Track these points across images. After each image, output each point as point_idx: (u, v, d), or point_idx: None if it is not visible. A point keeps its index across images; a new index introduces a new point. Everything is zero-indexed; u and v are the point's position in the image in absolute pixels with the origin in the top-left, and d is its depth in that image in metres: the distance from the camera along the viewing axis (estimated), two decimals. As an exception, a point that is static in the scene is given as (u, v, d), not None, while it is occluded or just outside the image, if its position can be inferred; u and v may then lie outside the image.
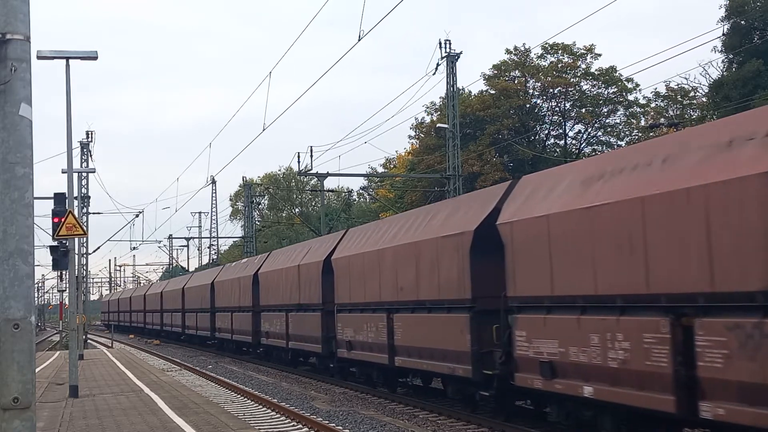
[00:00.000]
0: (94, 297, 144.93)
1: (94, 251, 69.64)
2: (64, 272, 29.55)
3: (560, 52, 54.97)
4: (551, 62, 55.29)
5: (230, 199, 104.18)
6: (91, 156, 39.49)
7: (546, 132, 57.21)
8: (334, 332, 22.65)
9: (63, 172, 21.95)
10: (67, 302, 34.13)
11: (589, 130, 56.15)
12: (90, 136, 39.48)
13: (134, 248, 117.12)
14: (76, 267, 24.31)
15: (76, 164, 34.37)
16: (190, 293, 47.07)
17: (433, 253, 16.42)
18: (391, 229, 19.68)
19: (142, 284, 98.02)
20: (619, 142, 53.99)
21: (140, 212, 55.86)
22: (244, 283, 34.54)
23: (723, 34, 42.27)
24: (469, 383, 15.22)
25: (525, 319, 12.92)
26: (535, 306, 12.66)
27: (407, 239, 17.99)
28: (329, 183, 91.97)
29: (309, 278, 25.15)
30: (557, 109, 55.91)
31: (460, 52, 38.10)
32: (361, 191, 79.85)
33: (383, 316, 18.98)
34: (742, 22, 42.06)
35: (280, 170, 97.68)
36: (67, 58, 19.76)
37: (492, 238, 13.75)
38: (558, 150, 56.22)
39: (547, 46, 53.97)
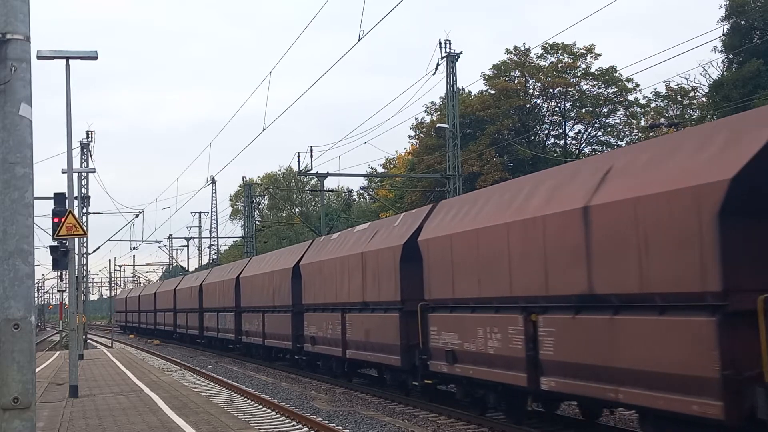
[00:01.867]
0: (94, 297, 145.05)
1: (94, 251, 69.79)
2: (64, 272, 29.56)
3: (560, 52, 54.99)
4: (551, 62, 55.32)
5: (230, 199, 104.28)
6: (91, 156, 39.49)
7: (546, 132, 57.24)
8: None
9: (63, 172, 21.95)
10: (67, 302, 34.12)
11: (589, 130, 56.20)
12: (90, 136, 39.47)
13: (134, 248, 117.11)
14: (76, 267, 24.30)
15: (76, 164, 34.36)
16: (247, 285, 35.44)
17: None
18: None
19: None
20: (619, 142, 54.04)
21: (140, 212, 55.87)
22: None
23: (723, 34, 42.30)
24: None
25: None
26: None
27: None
28: (329, 183, 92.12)
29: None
30: (557, 109, 55.94)
31: (460, 52, 38.13)
32: (361, 191, 79.89)
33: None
34: (742, 22, 42.07)
35: (280, 170, 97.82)
36: (67, 58, 19.76)
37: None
38: (558, 150, 56.24)
39: (547, 46, 54.01)
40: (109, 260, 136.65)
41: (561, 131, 57.01)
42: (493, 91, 54.93)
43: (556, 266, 11.96)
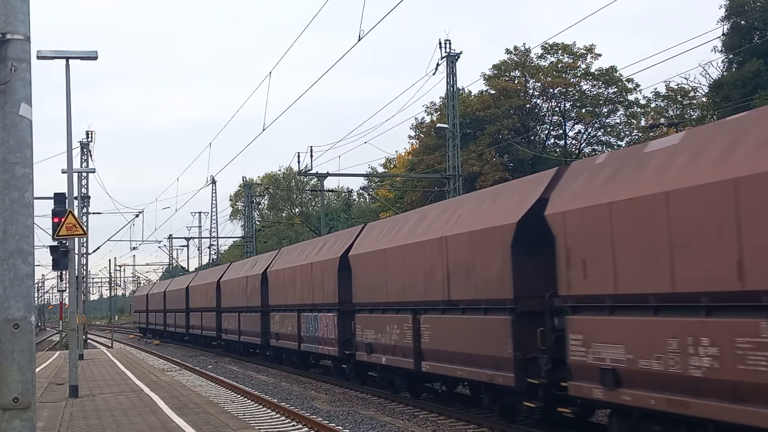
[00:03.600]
0: (94, 297, 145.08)
1: (94, 251, 69.66)
2: (64, 272, 29.55)
3: (560, 52, 54.98)
4: (551, 62, 55.29)
5: (230, 199, 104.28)
6: (91, 156, 39.48)
7: (546, 132, 57.22)
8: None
9: (63, 172, 21.95)
10: (67, 302, 34.12)
11: (589, 130, 56.17)
12: (90, 136, 39.47)
13: (134, 248, 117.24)
14: (76, 267, 24.31)
15: (76, 164, 34.36)
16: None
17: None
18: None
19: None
20: (619, 142, 54.03)
21: (140, 212, 55.87)
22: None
23: (723, 34, 42.28)
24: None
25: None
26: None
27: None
28: (329, 183, 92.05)
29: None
30: (557, 109, 55.92)
31: (460, 52, 38.13)
32: (361, 191, 79.87)
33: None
34: (742, 22, 42.05)
35: (280, 170, 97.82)
36: (67, 58, 19.75)
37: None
38: (558, 150, 56.22)
39: (547, 46, 53.99)
40: (109, 260, 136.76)
41: (561, 131, 57.01)
42: (493, 91, 54.91)
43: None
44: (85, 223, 33.51)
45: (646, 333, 10.09)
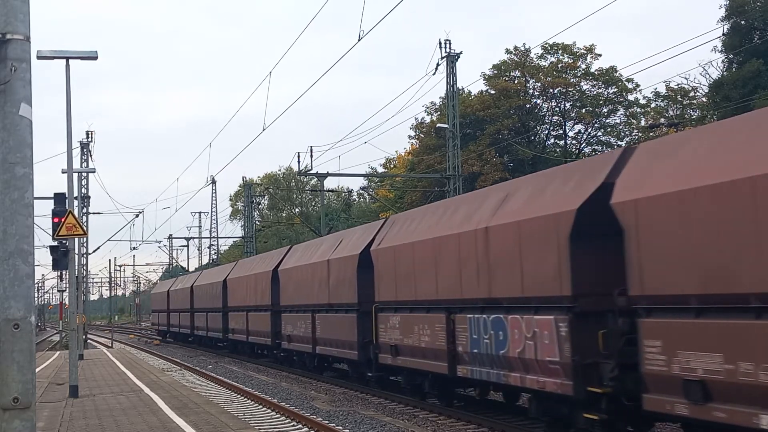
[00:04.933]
0: (94, 297, 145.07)
1: (94, 251, 69.71)
2: (64, 272, 29.55)
3: (560, 52, 54.98)
4: (551, 62, 55.31)
5: (230, 199, 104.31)
6: (91, 156, 39.49)
7: (546, 132, 57.23)
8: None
9: (63, 172, 21.95)
10: (67, 302, 34.12)
11: (589, 130, 56.19)
12: (90, 136, 39.48)
13: (134, 248, 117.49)
14: (76, 267, 24.30)
15: (76, 164, 34.36)
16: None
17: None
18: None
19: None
20: (619, 142, 54.03)
21: (140, 212, 55.92)
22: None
23: (723, 34, 42.30)
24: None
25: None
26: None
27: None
28: (329, 183, 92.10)
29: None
30: (557, 109, 55.93)
31: (460, 52, 38.13)
32: (361, 191, 79.93)
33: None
34: (742, 22, 42.06)
35: (280, 170, 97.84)
36: (67, 58, 19.75)
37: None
38: (558, 150, 56.23)
39: (547, 46, 54.01)
40: (109, 260, 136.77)
41: (561, 131, 57.03)
42: (493, 91, 54.93)
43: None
44: (85, 223, 33.51)
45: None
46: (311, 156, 43.51)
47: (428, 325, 16.43)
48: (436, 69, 37.02)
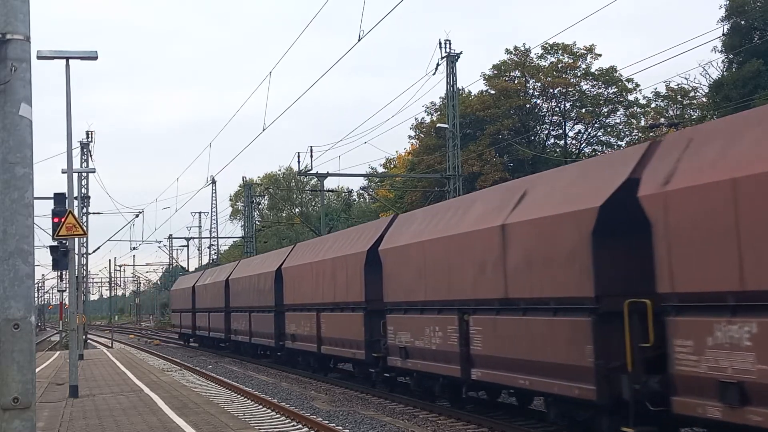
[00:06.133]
0: (94, 297, 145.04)
1: (94, 251, 69.67)
2: (64, 272, 29.54)
3: (560, 52, 54.97)
4: (551, 62, 55.29)
5: (230, 199, 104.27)
6: (91, 156, 39.49)
7: (546, 132, 57.22)
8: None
9: (63, 172, 21.94)
10: (67, 302, 34.12)
11: (589, 130, 56.17)
12: (90, 136, 39.48)
13: (134, 248, 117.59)
14: (76, 267, 24.29)
15: (76, 164, 34.36)
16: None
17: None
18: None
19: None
20: (619, 142, 54.05)
21: (140, 212, 55.92)
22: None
23: (723, 34, 42.28)
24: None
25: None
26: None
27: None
28: (329, 183, 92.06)
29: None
30: (557, 109, 55.91)
31: (461, 52, 38.12)
32: (361, 191, 79.90)
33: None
34: (742, 22, 42.05)
35: (280, 170, 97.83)
36: (67, 58, 19.75)
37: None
38: (558, 150, 56.22)
39: (547, 46, 53.99)
40: (109, 260, 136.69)
41: (561, 131, 57.01)
42: (493, 91, 54.92)
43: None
44: (85, 223, 33.51)
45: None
46: (311, 156, 43.56)
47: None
48: (436, 69, 37.04)
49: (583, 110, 54.48)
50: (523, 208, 13.27)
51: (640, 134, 52.65)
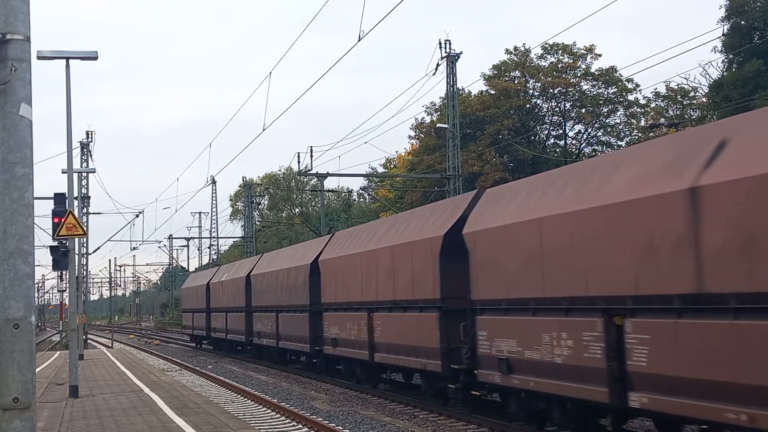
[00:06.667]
0: (94, 297, 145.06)
1: (94, 251, 69.58)
2: (64, 272, 29.55)
3: (560, 52, 54.97)
4: (551, 62, 55.29)
5: (230, 199, 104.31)
6: (91, 156, 39.50)
7: (546, 132, 57.23)
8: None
9: (63, 172, 21.94)
10: (67, 302, 34.13)
11: (589, 130, 56.18)
12: (90, 136, 39.50)
13: (134, 248, 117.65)
14: (76, 267, 24.29)
15: (76, 164, 34.36)
16: None
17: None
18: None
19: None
20: (619, 142, 54.05)
21: (140, 212, 55.89)
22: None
23: (723, 34, 42.28)
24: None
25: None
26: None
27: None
28: (329, 183, 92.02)
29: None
30: (557, 109, 55.91)
31: (460, 53, 38.14)
32: (361, 191, 79.92)
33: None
34: (742, 22, 42.04)
35: (280, 170, 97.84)
36: (67, 58, 19.75)
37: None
38: (558, 150, 56.22)
39: (547, 46, 54.00)
40: (109, 260, 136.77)
41: (561, 131, 57.01)
42: (493, 92, 54.92)
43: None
44: (85, 223, 33.52)
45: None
46: (311, 156, 43.46)
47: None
48: (436, 69, 37.05)
49: (583, 110, 54.48)
50: (725, 162, 9.32)
51: (640, 134, 52.65)
